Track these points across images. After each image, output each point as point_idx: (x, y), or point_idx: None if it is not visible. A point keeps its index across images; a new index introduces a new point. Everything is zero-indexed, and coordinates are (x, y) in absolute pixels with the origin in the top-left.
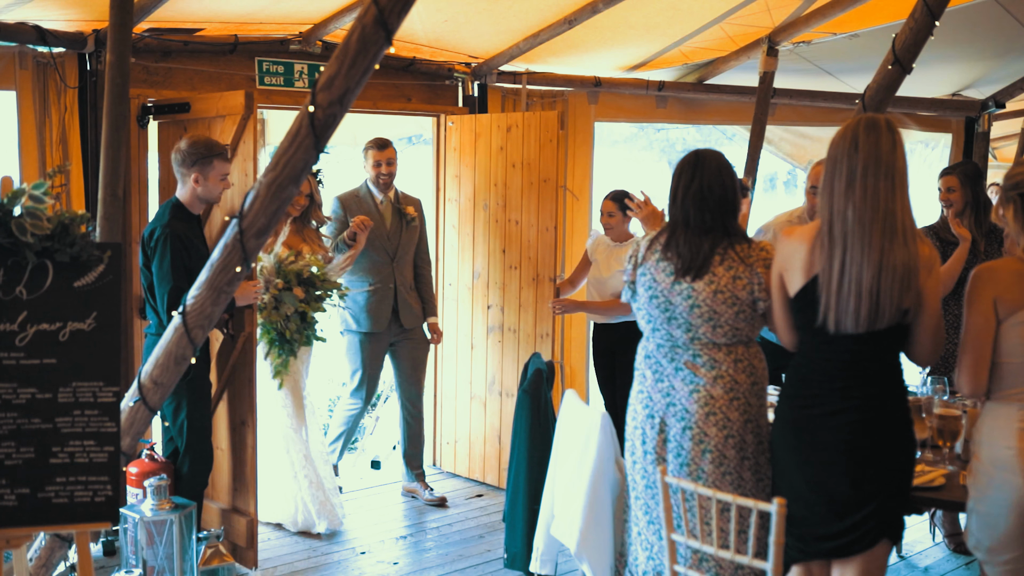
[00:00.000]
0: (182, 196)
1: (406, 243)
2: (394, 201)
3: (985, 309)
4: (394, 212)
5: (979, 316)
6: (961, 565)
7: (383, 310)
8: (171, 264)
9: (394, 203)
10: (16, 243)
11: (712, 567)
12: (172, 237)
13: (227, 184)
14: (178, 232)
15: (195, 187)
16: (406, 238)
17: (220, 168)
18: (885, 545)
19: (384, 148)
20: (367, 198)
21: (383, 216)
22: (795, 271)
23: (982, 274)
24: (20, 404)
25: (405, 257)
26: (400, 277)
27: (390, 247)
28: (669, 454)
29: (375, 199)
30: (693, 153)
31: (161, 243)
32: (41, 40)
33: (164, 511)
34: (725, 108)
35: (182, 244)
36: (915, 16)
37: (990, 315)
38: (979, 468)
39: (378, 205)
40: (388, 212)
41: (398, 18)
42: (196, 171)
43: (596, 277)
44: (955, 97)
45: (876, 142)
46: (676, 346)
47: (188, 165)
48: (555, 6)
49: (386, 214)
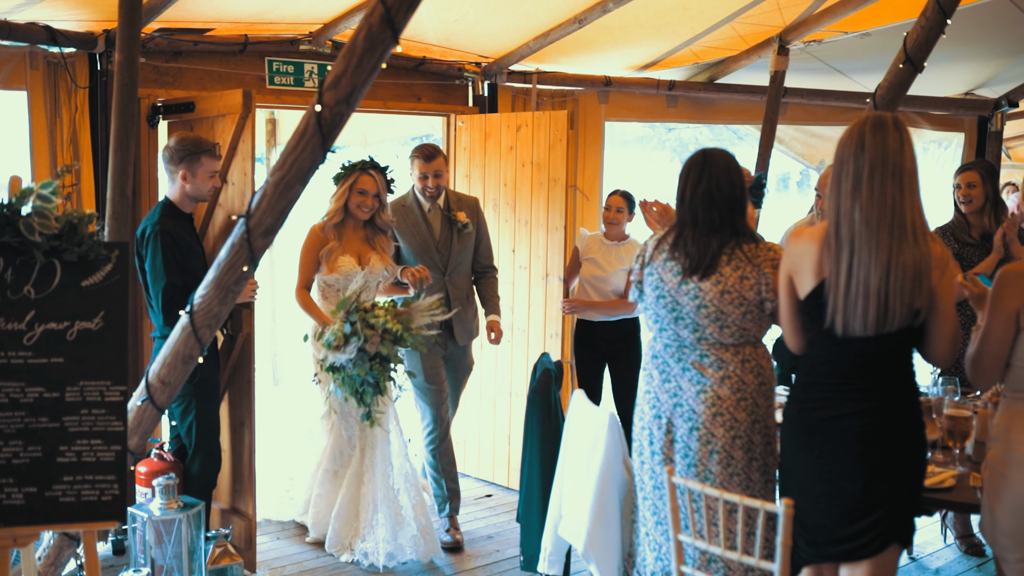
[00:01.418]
0: (172, 195)
1: (459, 253)
2: (444, 208)
3: (1007, 318)
4: (444, 221)
5: (1000, 325)
6: (973, 567)
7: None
8: (163, 261)
9: (444, 211)
10: (24, 242)
11: (721, 568)
12: (162, 234)
13: (216, 181)
14: (168, 229)
15: (183, 184)
16: (459, 248)
17: (208, 165)
18: (895, 549)
19: (431, 159)
20: (414, 207)
21: (431, 226)
22: (805, 273)
23: (1009, 279)
24: (28, 403)
25: (459, 268)
26: (454, 290)
27: (440, 260)
28: (676, 454)
29: (422, 208)
30: (701, 152)
31: (152, 240)
32: (52, 40)
33: (173, 510)
34: (736, 107)
35: (173, 240)
36: (926, 14)
37: (1011, 324)
38: (993, 465)
39: (426, 214)
40: (437, 221)
41: (405, 17)
42: (184, 168)
43: (595, 276)
44: (968, 96)
45: (883, 141)
46: (683, 346)
47: (176, 162)
48: (565, 5)
49: (435, 223)
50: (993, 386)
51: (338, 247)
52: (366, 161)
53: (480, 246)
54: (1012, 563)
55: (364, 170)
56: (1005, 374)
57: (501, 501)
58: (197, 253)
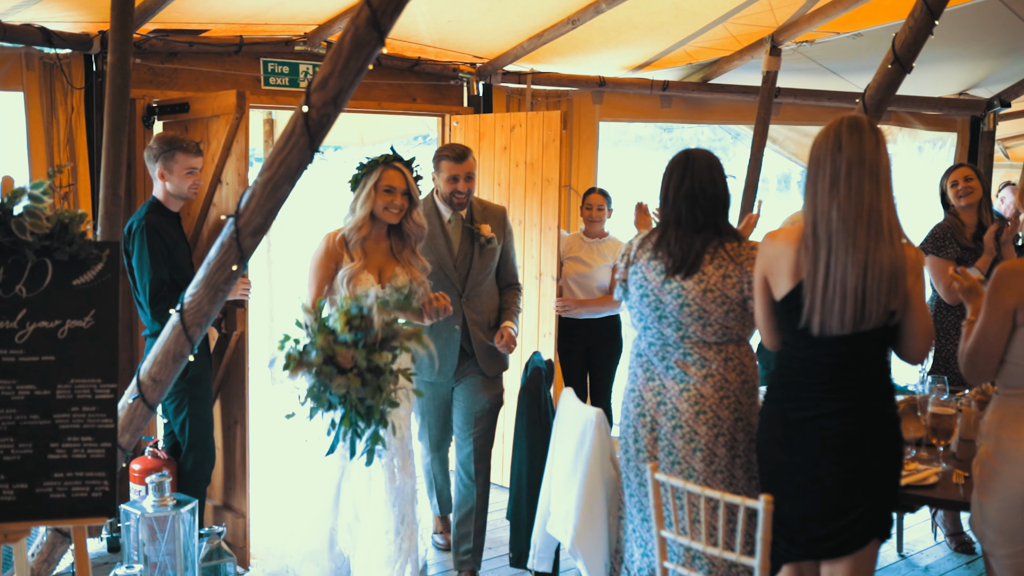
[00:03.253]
0: (158, 194)
1: (479, 272)
2: (465, 220)
3: (1004, 316)
4: (465, 233)
5: (996, 320)
6: (962, 564)
7: (447, 356)
8: (149, 254)
9: (465, 222)
10: (16, 242)
11: (705, 565)
12: (147, 228)
13: (196, 178)
14: (154, 224)
15: (163, 182)
16: (479, 265)
17: (183, 162)
18: (875, 543)
19: (463, 159)
20: (432, 216)
21: (450, 239)
22: (781, 275)
23: (1006, 277)
24: (19, 400)
25: (479, 288)
26: (473, 314)
27: (458, 278)
28: (661, 452)
29: (441, 218)
30: (683, 153)
31: (138, 236)
32: (47, 42)
33: (166, 507)
34: (729, 108)
35: (159, 236)
36: (914, 15)
37: (1007, 321)
38: (984, 461)
39: (445, 225)
40: (457, 234)
41: (391, 19)
42: (160, 166)
43: (580, 273)
44: (961, 96)
45: (860, 141)
46: (667, 345)
47: (153, 161)
48: (558, 6)
49: (454, 236)
50: (986, 382)
51: (361, 267)
52: (388, 155)
53: (505, 266)
54: (1001, 558)
55: (388, 164)
56: (998, 370)
57: (493, 499)
58: (183, 249)
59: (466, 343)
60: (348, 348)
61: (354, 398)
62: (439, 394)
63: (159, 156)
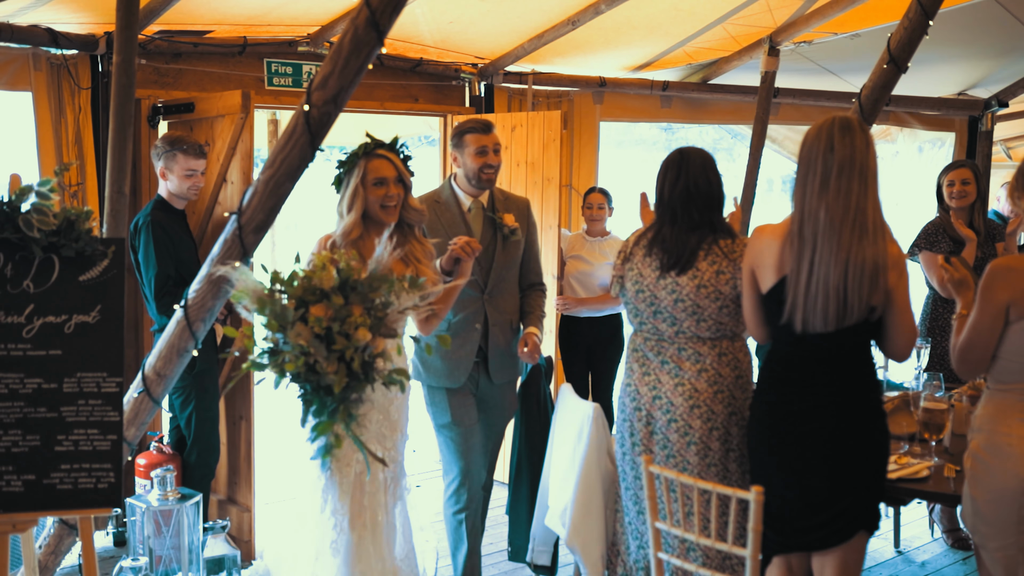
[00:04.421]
0: (163, 192)
1: (503, 266)
2: (487, 208)
3: (996, 311)
4: (487, 223)
5: (989, 317)
6: (959, 560)
7: (463, 358)
8: (155, 249)
9: (486, 211)
10: (24, 238)
11: (699, 556)
12: (152, 224)
13: (196, 180)
14: (159, 221)
15: (164, 182)
16: (503, 259)
17: (183, 163)
18: (862, 535)
19: (490, 130)
20: (451, 204)
21: (471, 229)
22: (767, 268)
23: (999, 273)
24: (27, 393)
25: (503, 285)
26: (495, 313)
27: (480, 273)
28: (656, 446)
29: (461, 206)
30: (677, 152)
31: (143, 231)
32: (54, 42)
33: (170, 501)
34: (729, 108)
35: (164, 231)
36: (909, 16)
37: (1000, 317)
38: (976, 455)
39: (465, 214)
40: (479, 224)
41: (390, 19)
42: (162, 165)
43: (581, 271)
44: (960, 96)
45: (851, 142)
46: (662, 340)
47: (157, 158)
48: (558, 7)
49: (475, 225)
50: (977, 377)
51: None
52: (367, 143)
53: (528, 261)
54: (992, 551)
55: (371, 154)
56: (990, 366)
57: (492, 495)
58: (188, 245)
59: (483, 343)
60: (329, 276)
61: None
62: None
63: (162, 155)
